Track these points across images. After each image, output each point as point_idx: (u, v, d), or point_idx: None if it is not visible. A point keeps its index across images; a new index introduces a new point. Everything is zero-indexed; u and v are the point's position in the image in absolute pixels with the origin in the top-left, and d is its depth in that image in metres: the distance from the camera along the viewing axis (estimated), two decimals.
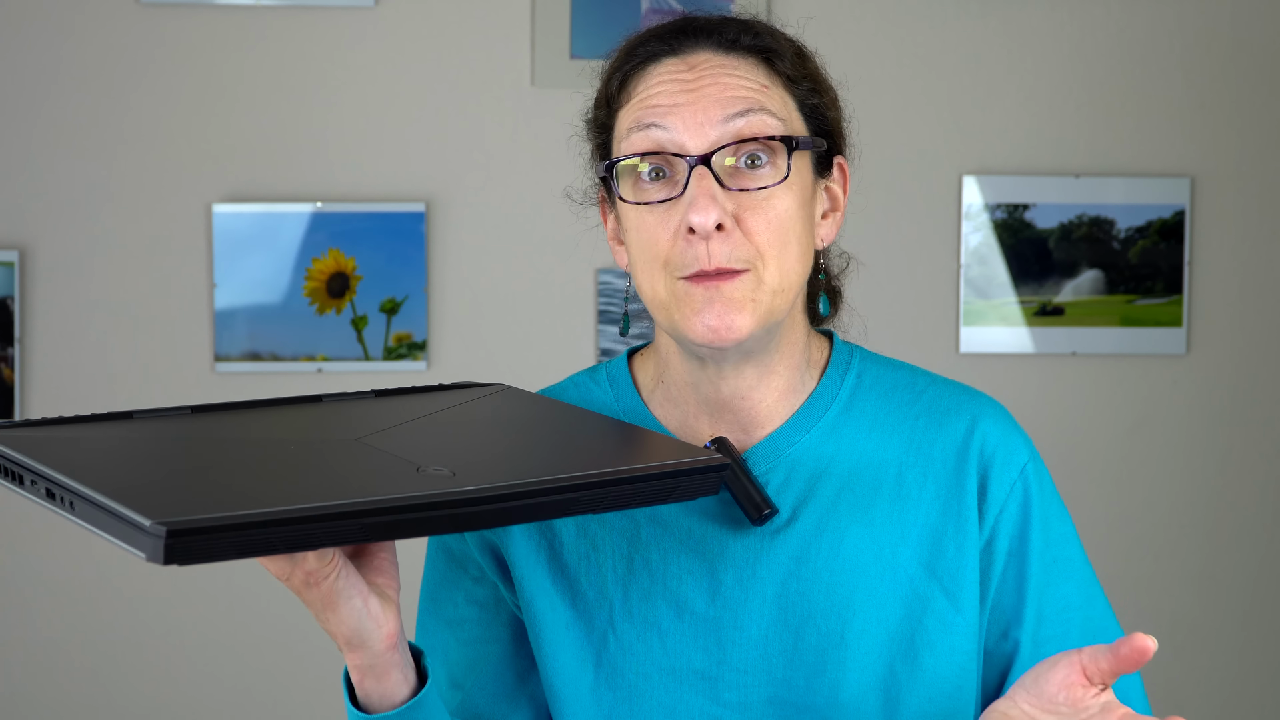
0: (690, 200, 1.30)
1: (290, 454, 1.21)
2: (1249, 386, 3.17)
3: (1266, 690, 3.19)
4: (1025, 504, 1.38)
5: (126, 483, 1.11)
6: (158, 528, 1.03)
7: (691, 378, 1.39)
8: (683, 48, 1.36)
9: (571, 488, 1.17)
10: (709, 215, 1.28)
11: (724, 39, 1.36)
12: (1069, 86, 3.13)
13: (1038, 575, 1.38)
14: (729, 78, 1.33)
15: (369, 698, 1.25)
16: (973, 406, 1.41)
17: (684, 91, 1.32)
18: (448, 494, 1.13)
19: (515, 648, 1.44)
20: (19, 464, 1.14)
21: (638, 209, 1.33)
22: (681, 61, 1.35)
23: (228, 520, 1.05)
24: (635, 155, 1.32)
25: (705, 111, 1.31)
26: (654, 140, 1.32)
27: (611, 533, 1.39)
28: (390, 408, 1.34)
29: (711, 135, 1.31)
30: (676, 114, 1.32)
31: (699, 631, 1.36)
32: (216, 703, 3.07)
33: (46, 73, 3.00)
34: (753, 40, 1.36)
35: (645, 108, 1.33)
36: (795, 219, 1.33)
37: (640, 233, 1.33)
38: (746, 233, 1.31)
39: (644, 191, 1.33)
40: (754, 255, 1.31)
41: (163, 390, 3.01)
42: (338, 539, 1.10)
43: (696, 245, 1.29)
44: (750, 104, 1.32)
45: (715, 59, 1.35)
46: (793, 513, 1.37)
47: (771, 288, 1.31)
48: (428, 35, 3.05)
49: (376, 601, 1.20)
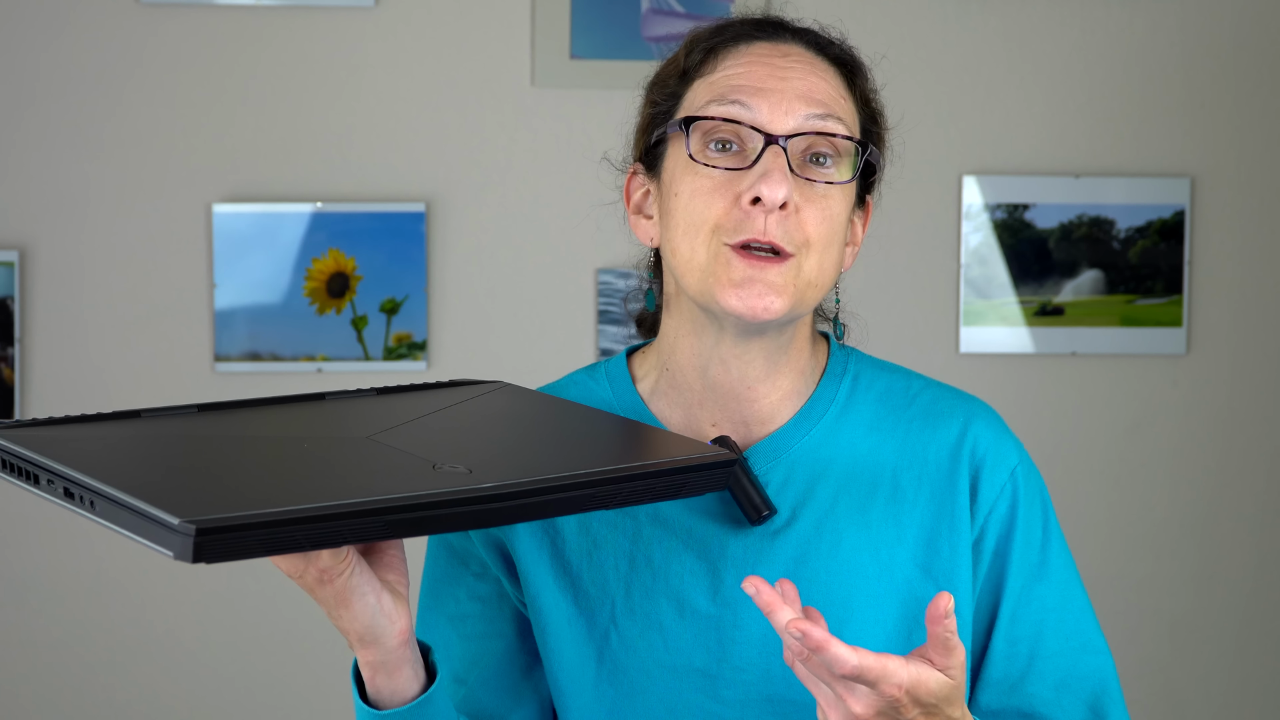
0: (763, 172, 1.32)
1: (305, 452, 1.22)
2: (1249, 386, 3.17)
3: (1266, 690, 3.20)
4: (1013, 505, 1.41)
5: (148, 481, 1.11)
6: (187, 526, 1.03)
7: (700, 359, 1.40)
8: (775, 36, 1.40)
9: (587, 483, 1.19)
10: (780, 190, 1.31)
11: (815, 41, 1.41)
12: (1069, 86, 3.13)
13: (1016, 576, 1.40)
14: (816, 77, 1.37)
15: (380, 694, 1.27)
16: (965, 410, 1.43)
17: (773, 77, 1.36)
18: (469, 491, 1.14)
19: (519, 643, 1.45)
20: (34, 463, 1.14)
21: (695, 173, 1.35)
22: (775, 48, 1.39)
23: (255, 518, 1.06)
24: (716, 119, 1.34)
25: (790, 101, 1.34)
26: (736, 113, 1.34)
27: (613, 531, 1.40)
28: (394, 405, 1.35)
29: (792, 122, 1.34)
30: (762, 97, 1.35)
31: (700, 629, 1.38)
32: (220, 702, 3.07)
33: (47, 73, 3.00)
34: (841, 52, 1.41)
35: (731, 84, 1.36)
36: (842, 224, 1.37)
37: (694, 197, 1.35)
38: (802, 221, 1.33)
39: (712, 157, 1.35)
40: (803, 243, 1.33)
41: (163, 390, 3.00)
42: (362, 536, 1.11)
43: (756, 217, 1.32)
44: (830, 110, 1.35)
45: (807, 55, 1.39)
46: (792, 513, 1.39)
47: (808, 279, 1.34)
48: (428, 35, 3.05)
49: (389, 598, 1.22)
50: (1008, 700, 1.39)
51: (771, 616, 1.16)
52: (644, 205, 1.43)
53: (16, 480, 1.17)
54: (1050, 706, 1.39)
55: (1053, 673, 1.39)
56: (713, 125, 1.35)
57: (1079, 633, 1.42)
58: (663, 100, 1.41)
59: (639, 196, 1.43)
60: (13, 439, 1.17)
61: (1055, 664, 1.40)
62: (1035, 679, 1.38)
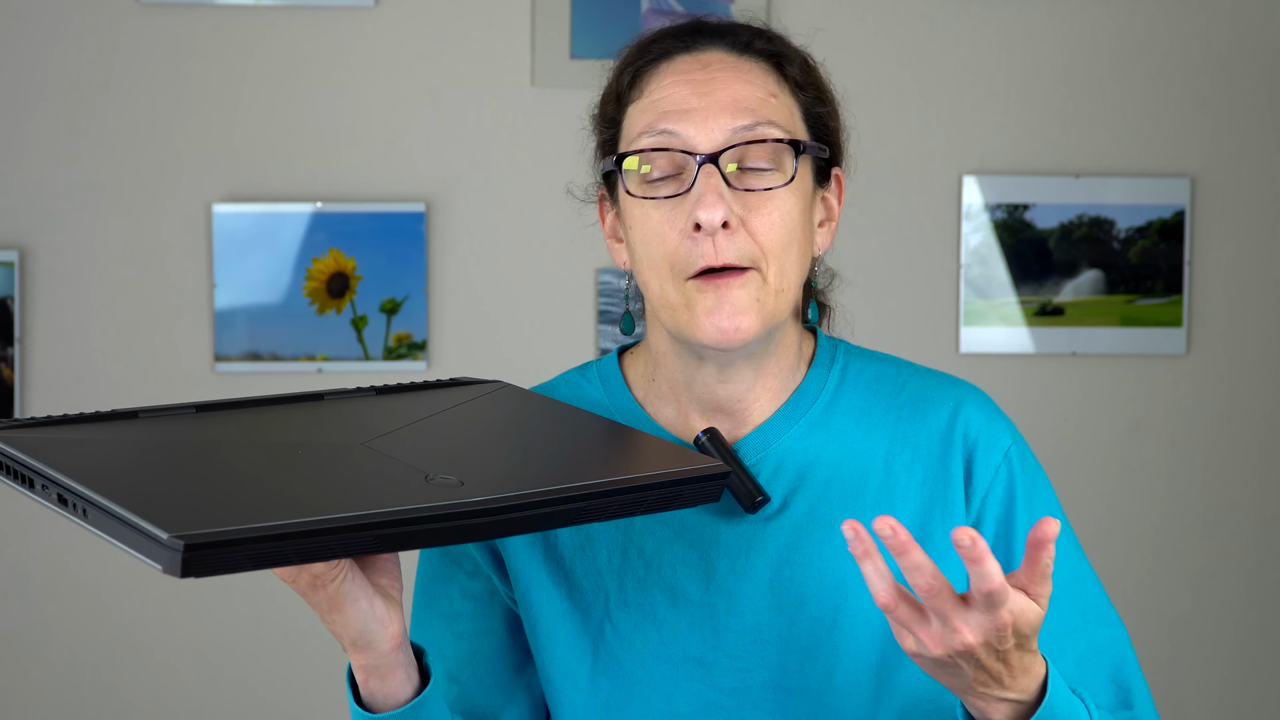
0: (697, 197, 1.32)
1: (299, 461, 1.21)
2: (1249, 386, 3.17)
3: (1265, 690, 3.19)
4: (1010, 486, 1.41)
5: (140, 491, 1.11)
6: (175, 541, 1.03)
7: (686, 377, 1.40)
8: (696, 45, 1.38)
9: (578, 497, 1.19)
10: (716, 212, 1.31)
11: (737, 41, 1.38)
12: (1069, 86, 3.13)
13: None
14: (740, 83, 1.36)
15: (373, 697, 1.27)
16: (955, 394, 1.43)
17: (696, 95, 1.34)
18: (458, 506, 1.14)
19: (511, 640, 1.45)
20: (29, 468, 1.14)
21: (643, 206, 1.35)
22: (695, 59, 1.37)
23: (244, 534, 1.06)
24: (644, 150, 1.34)
25: (716, 117, 1.33)
26: (664, 140, 1.34)
27: (605, 524, 1.41)
28: (391, 407, 1.35)
29: (720, 137, 1.33)
30: (687, 118, 1.34)
31: (694, 619, 1.38)
32: (221, 702, 3.07)
33: (46, 73, 3.00)
34: (765, 45, 1.39)
35: (658, 112, 1.35)
36: (798, 222, 1.35)
37: (645, 230, 1.35)
38: (751, 233, 1.33)
39: (651, 188, 1.35)
40: (758, 255, 1.33)
41: (163, 390, 3.00)
42: (351, 550, 1.11)
43: (702, 242, 1.32)
44: (758, 117, 1.34)
45: (728, 59, 1.37)
46: (784, 501, 1.39)
47: (774, 287, 1.34)
48: (428, 35, 3.05)
49: (381, 602, 1.22)
50: None
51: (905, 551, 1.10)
52: (616, 229, 1.43)
53: (12, 483, 1.17)
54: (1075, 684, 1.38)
55: (1073, 649, 1.40)
56: (646, 156, 1.34)
57: (1092, 607, 1.42)
58: (606, 129, 1.42)
59: (610, 219, 1.44)
60: (9, 441, 1.17)
61: (1074, 640, 1.40)
62: (1057, 657, 1.38)
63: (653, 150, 1.34)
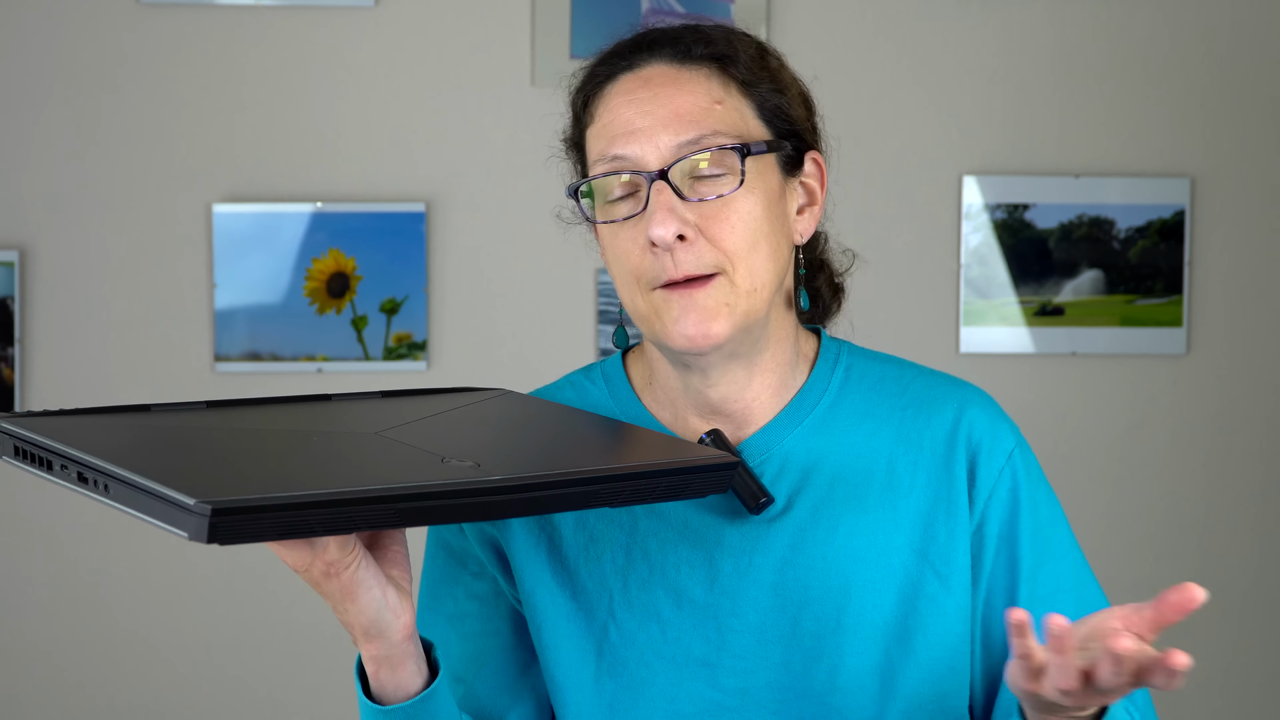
0: (649, 215, 1.33)
1: (316, 444, 1.24)
2: (1249, 386, 3.17)
3: (1265, 690, 3.20)
4: (1014, 489, 1.41)
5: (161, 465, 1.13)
6: (202, 506, 1.05)
7: (680, 382, 1.42)
8: (638, 62, 1.39)
9: (592, 480, 1.22)
10: (668, 228, 1.32)
11: (678, 50, 1.39)
12: (1069, 86, 3.13)
13: (1029, 558, 1.41)
14: (681, 95, 1.36)
15: (383, 689, 1.28)
16: (959, 396, 1.44)
17: (640, 115, 1.36)
18: (477, 482, 1.16)
19: (516, 641, 1.45)
20: (47, 449, 1.16)
21: (610, 227, 1.37)
22: (636, 77, 1.38)
23: (270, 501, 1.08)
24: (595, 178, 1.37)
25: (660, 134, 1.35)
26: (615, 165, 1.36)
27: (609, 525, 1.42)
28: (399, 407, 1.38)
29: (666, 153, 1.34)
30: (633, 139, 1.35)
31: (698, 619, 1.39)
32: (222, 701, 3.07)
33: (46, 73, 3.00)
34: (705, 49, 1.39)
35: (608, 137, 1.37)
36: (760, 220, 1.36)
37: (614, 250, 1.37)
38: (711, 239, 1.34)
39: (612, 210, 1.37)
40: (721, 260, 1.34)
41: (163, 390, 3.01)
42: (373, 523, 1.13)
43: (662, 257, 1.34)
44: (702, 128, 1.35)
45: (669, 72, 1.38)
46: (788, 502, 1.40)
47: (745, 289, 1.35)
48: (428, 35, 3.05)
49: (394, 592, 1.23)
50: None
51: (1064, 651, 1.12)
52: None
53: (28, 466, 1.18)
54: None
55: None
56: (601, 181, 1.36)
57: (1095, 607, 1.42)
58: (573, 153, 1.44)
59: None
60: (25, 425, 1.18)
61: None
62: None
63: (605, 175, 1.36)
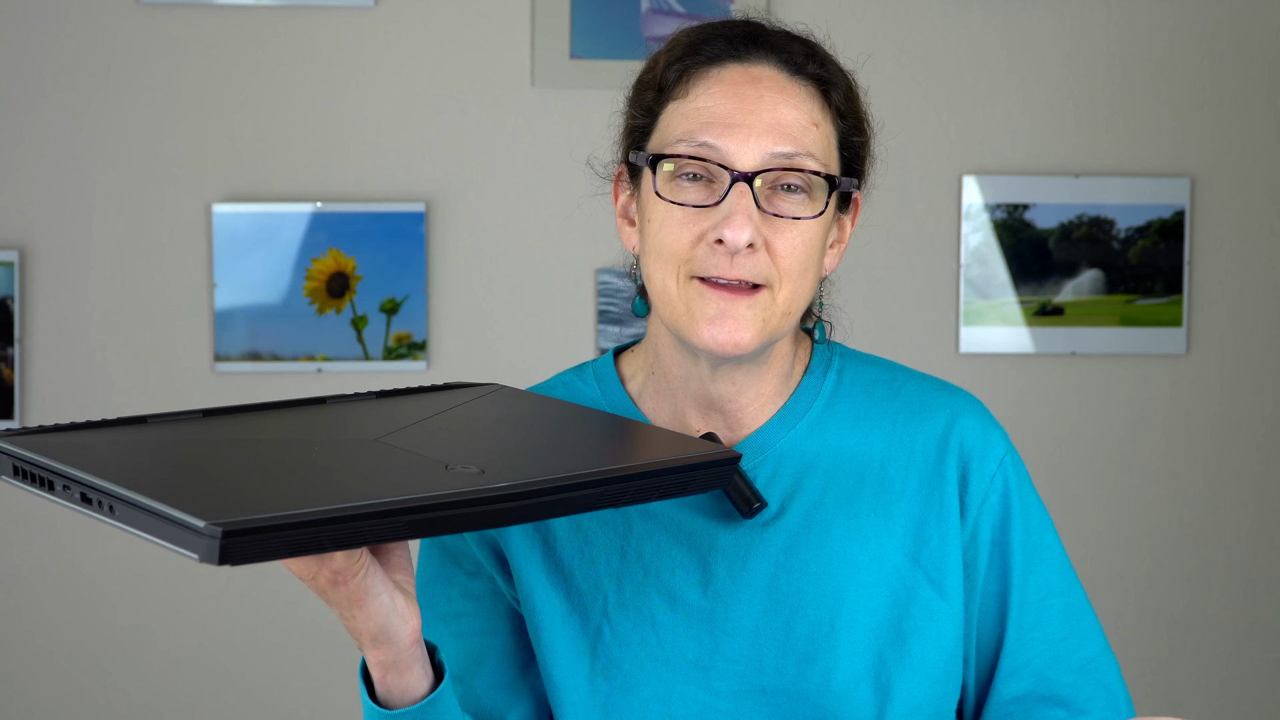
0: (727, 214, 1.32)
1: (317, 455, 1.23)
2: (1249, 386, 3.17)
3: (1264, 690, 3.20)
4: (1005, 495, 1.42)
5: (167, 484, 1.12)
6: (213, 529, 1.04)
7: (683, 371, 1.41)
8: (749, 56, 1.38)
9: (598, 482, 1.21)
10: (744, 233, 1.31)
11: (790, 60, 1.38)
12: (1069, 86, 3.13)
13: (1020, 563, 1.41)
14: (786, 105, 1.35)
15: (390, 694, 1.28)
16: (951, 402, 1.44)
17: (741, 111, 1.34)
18: (485, 491, 1.16)
19: (515, 640, 1.46)
20: (49, 469, 1.14)
21: (668, 206, 1.35)
22: (745, 71, 1.37)
23: (280, 520, 1.07)
24: (681, 157, 1.34)
25: (758, 138, 1.33)
26: (703, 151, 1.34)
27: (604, 527, 1.42)
28: (395, 408, 1.37)
29: (759, 158, 1.33)
30: (730, 133, 1.34)
31: (692, 623, 1.39)
32: (224, 703, 3.07)
33: (47, 73, 3.00)
34: (816, 69, 1.38)
35: (700, 121, 1.35)
36: (816, 248, 1.37)
37: (664, 228, 1.35)
38: (773, 254, 1.34)
39: (680, 190, 1.35)
40: (774, 276, 1.34)
41: (163, 391, 3.01)
42: (383, 536, 1.13)
43: (721, 256, 1.32)
44: (799, 145, 1.34)
45: (779, 79, 1.37)
46: (781, 506, 1.40)
47: (782, 310, 1.35)
48: (428, 35, 3.05)
49: (401, 597, 1.23)
50: (1034, 687, 1.41)
51: None
52: (629, 209, 1.43)
53: (29, 486, 1.16)
54: (1072, 690, 1.41)
55: (1067, 655, 1.41)
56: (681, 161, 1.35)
57: (1083, 614, 1.44)
58: (641, 115, 1.41)
59: (625, 199, 1.44)
60: (24, 445, 1.17)
61: (1068, 647, 1.42)
62: (1054, 664, 1.40)
63: (689, 158, 1.34)
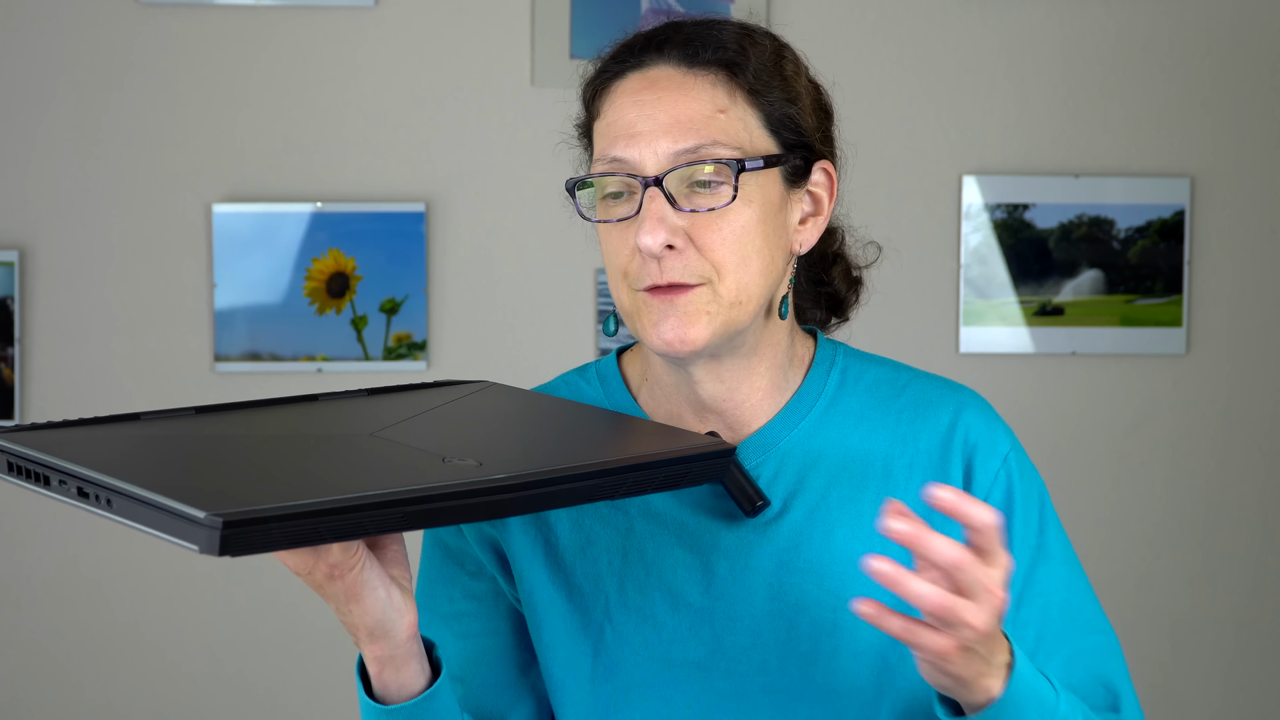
0: (640, 222, 1.33)
1: (314, 449, 1.24)
2: (1249, 386, 3.17)
3: (1264, 689, 3.20)
4: (1009, 491, 1.42)
5: (164, 476, 1.12)
6: (213, 519, 1.04)
7: (672, 378, 1.42)
8: (646, 62, 1.38)
9: (594, 474, 1.21)
10: (656, 237, 1.32)
11: (686, 53, 1.37)
12: (1069, 86, 3.13)
13: (1018, 560, 1.41)
14: (685, 101, 1.35)
15: (386, 689, 1.28)
16: (955, 399, 1.44)
17: (641, 117, 1.35)
18: (483, 482, 1.16)
19: (516, 640, 1.46)
20: (44, 464, 1.14)
21: (604, 225, 1.37)
22: (643, 77, 1.37)
23: (280, 511, 1.07)
24: (590, 178, 1.37)
25: (659, 140, 1.34)
26: (614, 166, 1.35)
27: (606, 527, 1.42)
28: (388, 405, 1.37)
29: (663, 160, 1.34)
30: (634, 143, 1.34)
31: (694, 622, 1.39)
32: (223, 701, 3.07)
33: (47, 73, 3.00)
34: (714, 54, 1.37)
35: (609, 136, 1.36)
36: (754, 233, 1.35)
37: (606, 248, 1.38)
38: (701, 249, 1.34)
39: (608, 208, 1.37)
40: (709, 270, 1.34)
41: (163, 390, 3.01)
42: (382, 527, 1.13)
43: (649, 263, 1.33)
44: (702, 137, 1.34)
45: (675, 76, 1.37)
46: (784, 505, 1.40)
47: (729, 300, 1.34)
48: (428, 35, 3.05)
49: (397, 592, 1.24)
50: None
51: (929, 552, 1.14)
52: None
53: (24, 482, 1.16)
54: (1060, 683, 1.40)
55: (1059, 651, 1.41)
56: (599, 180, 1.36)
57: (1083, 613, 1.43)
58: (583, 144, 1.44)
59: None
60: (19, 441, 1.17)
61: (1062, 643, 1.41)
62: (1043, 658, 1.39)
63: (600, 176, 1.36)
